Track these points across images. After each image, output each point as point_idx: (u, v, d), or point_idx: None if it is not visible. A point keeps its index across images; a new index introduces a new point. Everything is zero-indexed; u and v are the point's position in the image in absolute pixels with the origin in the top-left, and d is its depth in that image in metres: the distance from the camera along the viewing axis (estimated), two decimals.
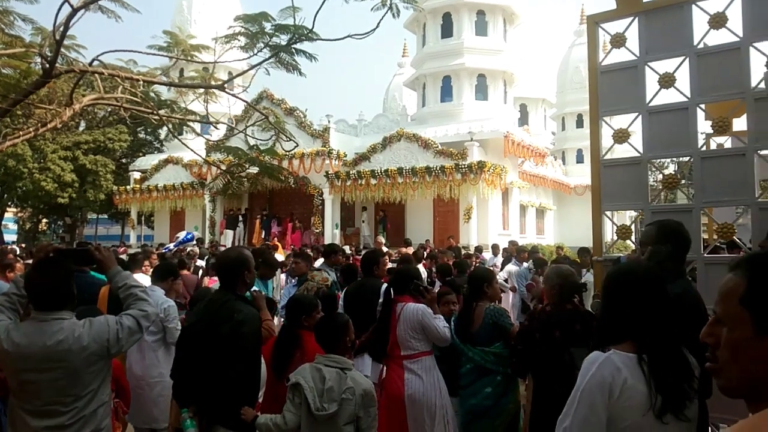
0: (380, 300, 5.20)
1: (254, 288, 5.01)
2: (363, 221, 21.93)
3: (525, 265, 10.11)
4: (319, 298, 4.69)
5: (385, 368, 4.65)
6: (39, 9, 6.64)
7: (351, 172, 20.81)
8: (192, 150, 7.81)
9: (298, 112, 22.43)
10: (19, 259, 9.30)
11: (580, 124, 32.42)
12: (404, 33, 26.97)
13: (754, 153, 3.93)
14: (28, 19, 6.26)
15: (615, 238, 4.79)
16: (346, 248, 18.77)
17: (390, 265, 7.04)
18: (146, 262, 7.77)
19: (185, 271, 8.55)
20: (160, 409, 4.77)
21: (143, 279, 6.36)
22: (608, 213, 4.55)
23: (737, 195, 4.00)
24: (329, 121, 22.60)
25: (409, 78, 26.55)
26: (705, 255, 4.08)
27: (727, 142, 6.21)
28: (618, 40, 4.49)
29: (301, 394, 3.07)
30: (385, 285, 5.38)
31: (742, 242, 4.22)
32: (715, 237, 4.85)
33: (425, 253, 12.10)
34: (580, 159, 32.14)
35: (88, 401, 2.73)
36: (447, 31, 23.67)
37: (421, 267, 9.18)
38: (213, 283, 7.94)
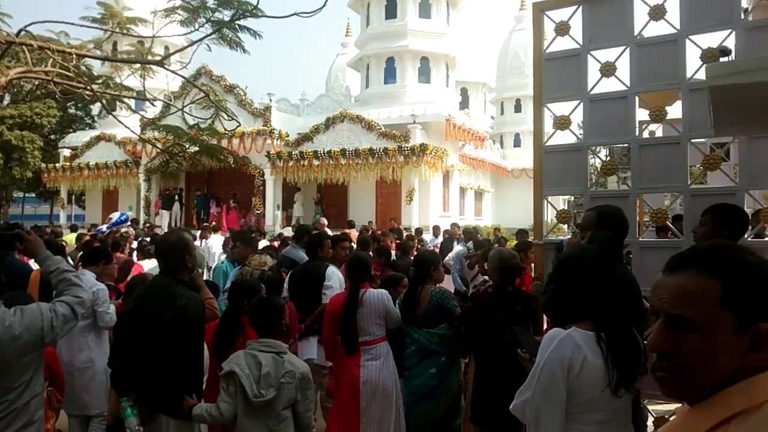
0: (326, 283, 5.15)
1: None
2: (295, 202, 21.61)
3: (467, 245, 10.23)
4: (263, 282, 4.62)
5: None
6: None
7: (293, 153, 20.55)
8: (126, 127, 7.49)
9: (238, 89, 21.91)
10: None
11: (518, 108, 33.10)
12: (348, 12, 26.66)
13: (688, 141, 4.10)
14: None
15: (554, 221, 4.91)
16: (288, 230, 18.59)
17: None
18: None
19: (119, 254, 8.22)
20: (90, 395, 4.65)
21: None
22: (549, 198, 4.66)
23: (671, 182, 4.17)
24: (271, 100, 22.19)
25: (353, 58, 26.34)
26: (640, 239, 4.25)
27: (658, 129, 6.46)
28: (562, 28, 4.56)
29: (236, 383, 3.01)
30: (331, 268, 5.34)
31: (674, 227, 4.40)
32: (647, 220, 5.06)
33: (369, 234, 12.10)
34: (517, 143, 32.90)
35: (19, 393, 2.59)
36: (391, 12, 23.54)
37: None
38: (138, 269, 7.64)
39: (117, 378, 3.22)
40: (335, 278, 5.25)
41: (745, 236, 3.54)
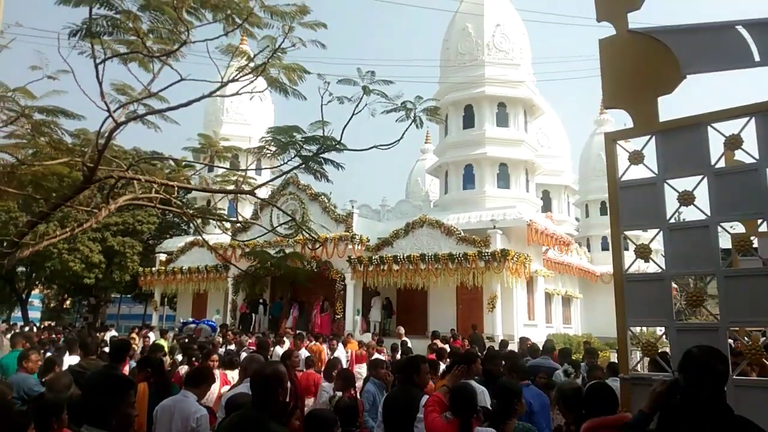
0: (419, 415, 4.79)
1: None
2: (372, 306, 21.68)
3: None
4: (338, 410, 4.62)
5: None
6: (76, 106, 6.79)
7: (373, 258, 20.92)
8: (214, 248, 7.97)
9: (322, 197, 22.89)
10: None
11: (603, 211, 32.46)
12: (427, 122, 27.69)
13: None
14: (75, 135, 6.69)
15: (639, 354, 4.71)
16: (367, 336, 18.60)
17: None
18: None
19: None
20: None
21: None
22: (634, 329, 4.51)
23: (765, 315, 3.95)
24: (353, 206, 23.00)
25: (432, 166, 27.08)
26: (734, 377, 3.98)
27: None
28: (636, 158, 4.59)
29: None
30: (426, 397, 5.07)
31: None
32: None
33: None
34: (605, 246, 31.93)
35: None
36: (469, 121, 24.25)
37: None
38: (223, 377, 7.77)
39: None
40: None
41: None
